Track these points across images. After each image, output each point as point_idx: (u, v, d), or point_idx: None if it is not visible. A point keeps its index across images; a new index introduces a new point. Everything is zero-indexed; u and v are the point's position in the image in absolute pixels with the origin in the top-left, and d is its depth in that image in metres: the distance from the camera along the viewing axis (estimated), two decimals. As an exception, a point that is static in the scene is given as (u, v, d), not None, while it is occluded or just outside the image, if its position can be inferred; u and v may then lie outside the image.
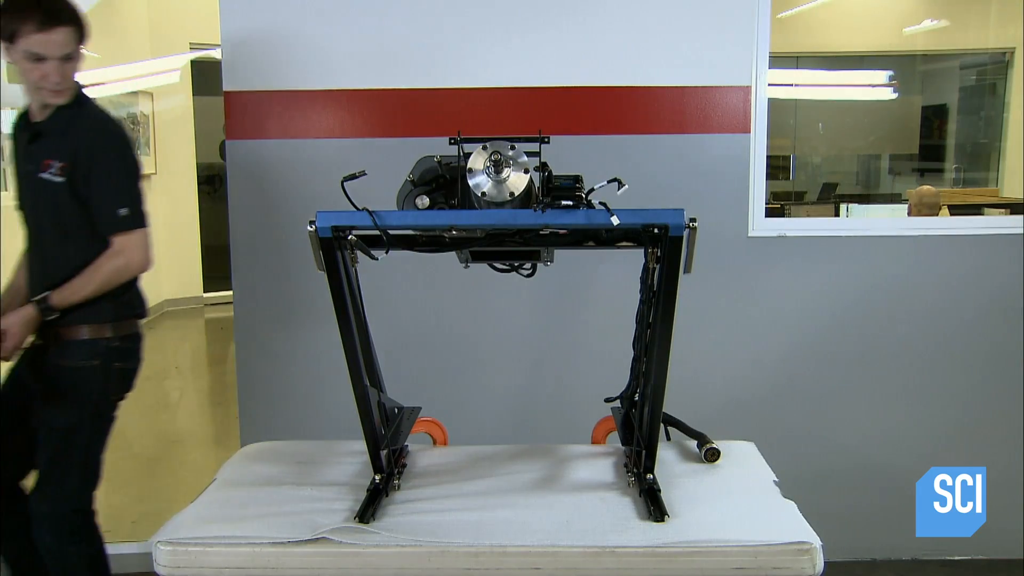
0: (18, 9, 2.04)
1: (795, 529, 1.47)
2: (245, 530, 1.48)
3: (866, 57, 6.84)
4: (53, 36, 2.03)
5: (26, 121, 2.21)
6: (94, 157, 2.11)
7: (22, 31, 2.02)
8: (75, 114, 2.15)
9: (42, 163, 2.13)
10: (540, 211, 1.39)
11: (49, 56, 2.05)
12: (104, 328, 2.18)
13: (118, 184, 2.14)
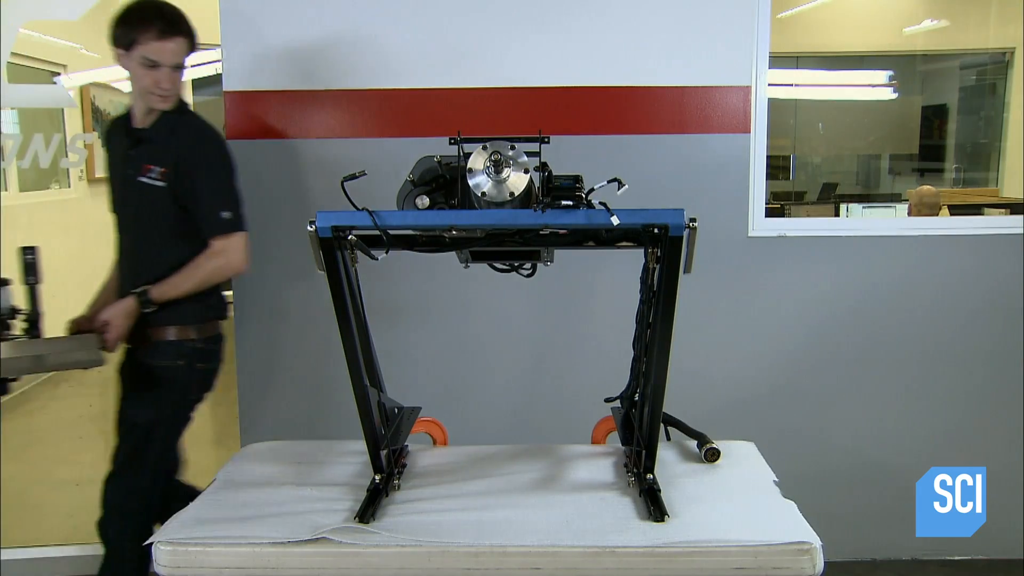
0: (140, 19, 2.16)
1: (795, 529, 1.47)
2: (245, 530, 1.48)
3: (866, 57, 6.84)
4: (170, 45, 2.16)
5: (126, 127, 2.32)
6: (197, 163, 2.23)
7: (142, 39, 2.15)
8: (177, 121, 2.27)
9: (142, 167, 2.23)
10: (540, 211, 1.39)
11: (163, 63, 2.18)
12: (190, 330, 2.28)
13: (221, 188, 2.24)
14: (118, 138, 2.35)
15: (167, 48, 2.17)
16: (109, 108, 6.27)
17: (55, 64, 5.04)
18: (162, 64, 2.18)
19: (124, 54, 2.20)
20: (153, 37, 2.15)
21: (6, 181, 5.17)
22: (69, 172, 5.78)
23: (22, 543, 3.09)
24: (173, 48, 2.18)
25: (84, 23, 2.92)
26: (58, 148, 3.03)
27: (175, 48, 2.18)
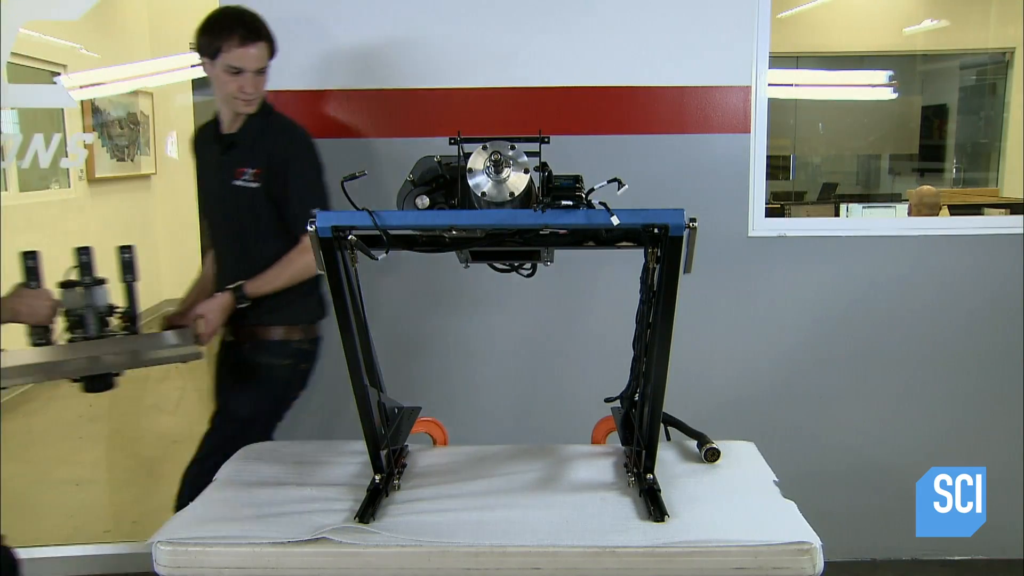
0: (223, 27, 2.22)
1: (795, 529, 1.47)
2: (245, 530, 1.48)
3: (866, 57, 6.84)
4: (252, 50, 2.23)
5: (215, 133, 2.39)
6: (289, 162, 2.28)
7: (225, 47, 2.21)
8: (266, 123, 2.33)
9: (236, 171, 2.29)
10: (540, 211, 1.39)
11: (246, 69, 2.24)
12: (296, 330, 2.36)
13: (311, 186, 2.29)
14: (207, 145, 2.41)
15: (249, 54, 2.22)
16: (109, 108, 6.28)
17: (55, 64, 5.04)
18: (245, 70, 2.23)
19: (209, 63, 2.26)
20: (236, 44, 2.21)
21: (6, 181, 5.17)
22: (69, 172, 5.78)
23: (22, 543, 3.08)
24: (255, 54, 2.23)
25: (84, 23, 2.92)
26: (58, 148, 3.03)
27: (257, 53, 2.24)
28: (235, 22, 2.23)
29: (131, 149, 6.65)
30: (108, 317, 2.02)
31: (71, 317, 1.99)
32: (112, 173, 6.43)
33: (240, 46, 2.21)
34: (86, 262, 1.99)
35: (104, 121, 6.25)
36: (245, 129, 2.33)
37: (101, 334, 2.00)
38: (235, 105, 2.30)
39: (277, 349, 2.35)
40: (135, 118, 6.67)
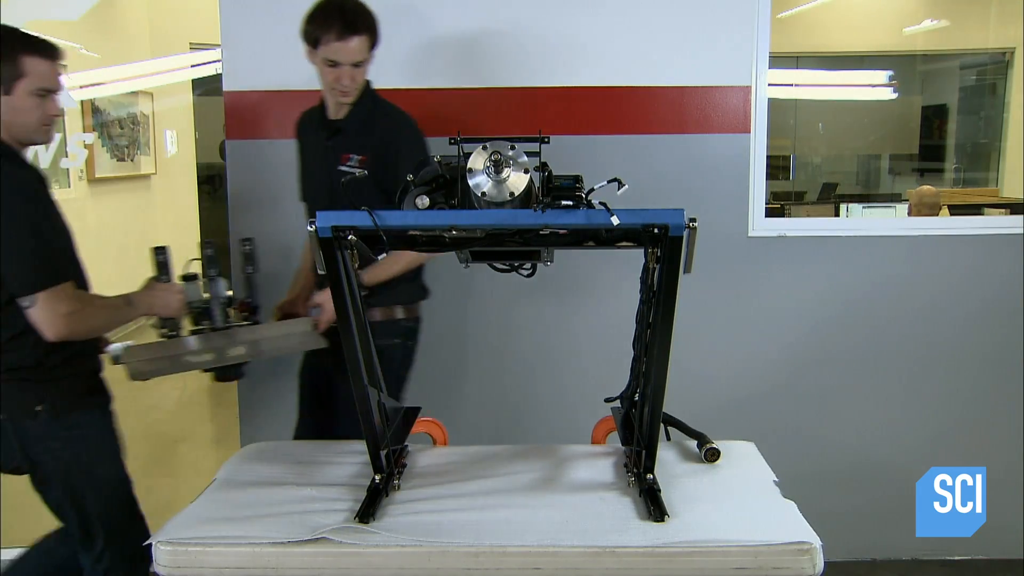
0: (323, 19, 2.21)
1: (795, 529, 1.47)
2: (245, 530, 1.48)
3: (866, 57, 6.84)
4: (349, 44, 2.20)
5: (320, 119, 2.39)
6: (398, 150, 2.28)
7: (324, 38, 2.20)
8: (372, 109, 2.34)
9: (341, 156, 2.29)
10: (540, 211, 1.39)
11: (343, 62, 2.22)
12: (402, 309, 2.39)
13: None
14: (312, 130, 2.41)
15: (346, 48, 2.20)
16: (109, 108, 6.28)
17: (55, 64, 5.04)
18: (342, 63, 2.22)
19: (311, 51, 2.26)
20: (333, 37, 2.19)
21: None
22: (69, 172, 5.78)
23: (22, 543, 3.08)
24: (352, 48, 2.21)
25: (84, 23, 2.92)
26: (58, 148, 3.03)
27: (354, 48, 2.21)
28: (335, 14, 2.21)
29: (131, 149, 6.65)
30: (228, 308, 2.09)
31: (195, 309, 2.07)
32: (112, 173, 6.43)
33: (337, 39, 2.19)
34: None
35: (104, 121, 6.25)
36: (352, 116, 2.33)
37: (226, 325, 2.07)
38: (333, 95, 2.31)
39: (387, 329, 2.36)
40: (135, 118, 6.67)
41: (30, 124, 1.91)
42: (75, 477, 1.97)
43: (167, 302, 2.01)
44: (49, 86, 1.91)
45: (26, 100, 1.88)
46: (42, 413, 1.91)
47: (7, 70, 1.85)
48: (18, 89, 1.87)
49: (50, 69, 1.91)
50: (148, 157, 6.93)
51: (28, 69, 1.87)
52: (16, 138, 1.92)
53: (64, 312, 1.84)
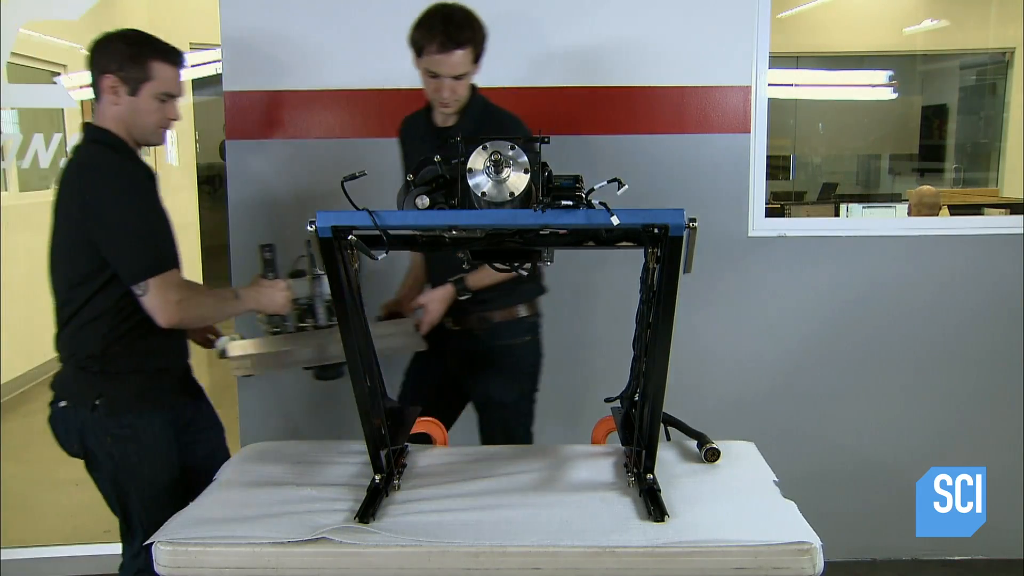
0: (427, 28, 2.16)
1: (795, 529, 1.47)
2: (245, 530, 1.48)
3: (866, 57, 6.85)
4: (449, 58, 2.15)
5: (427, 127, 2.33)
6: None
7: (426, 49, 2.16)
8: (481, 114, 2.29)
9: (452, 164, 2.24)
10: (540, 211, 1.39)
11: (444, 75, 2.17)
12: (525, 307, 2.39)
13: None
14: (418, 137, 2.36)
15: (446, 61, 2.15)
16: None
17: (55, 64, 5.04)
18: (442, 75, 2.17)
19: (415, 59, 2.22)
20: (435, 49, 2.15)
21: (6, 181, 5.17)
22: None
23: (22, 543, 3.09)
24: (452, 61, 2.15)
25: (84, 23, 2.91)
26: (58, 148, 3.03)
27: (455, 61, 2.15)
28: (438, 25, 2.15)
29: (131, 149, 6.64)
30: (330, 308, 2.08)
31: (299, 306, 2.07)
32: (112, 173, 6.42)
33: (439, 52, 2.14)
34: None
35: (104, 121, 6.23)
36: (460, 124, 2.27)
37: (329, 323, 2.06)
38: (436, 107, 2.27)
39: (514, 328, 2.37)
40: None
41: (149, 126, 1.99)
42: (122, 475, 1.99)
43: (273, 298, 2.02)
44: (172, 91, 1.99)
45: (149, 103, 1.96)
46: (99, 407, 1.94)
47: (136, 73, 1.94)
48: (143, 91, 1.95)
49: (175, 75, 2.00)
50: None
51: (155, 74, 1.95)
52: (133, 137, 1.99)
53: (175, 299, 1.88)
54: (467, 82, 2.23)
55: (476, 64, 2.21)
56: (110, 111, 1.96)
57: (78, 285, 1.93)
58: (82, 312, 1.94)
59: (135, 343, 1.96)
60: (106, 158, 1.93)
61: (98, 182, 1.89)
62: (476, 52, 2.19)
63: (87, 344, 1.95)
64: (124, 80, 1.94)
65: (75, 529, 3.35)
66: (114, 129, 1.97)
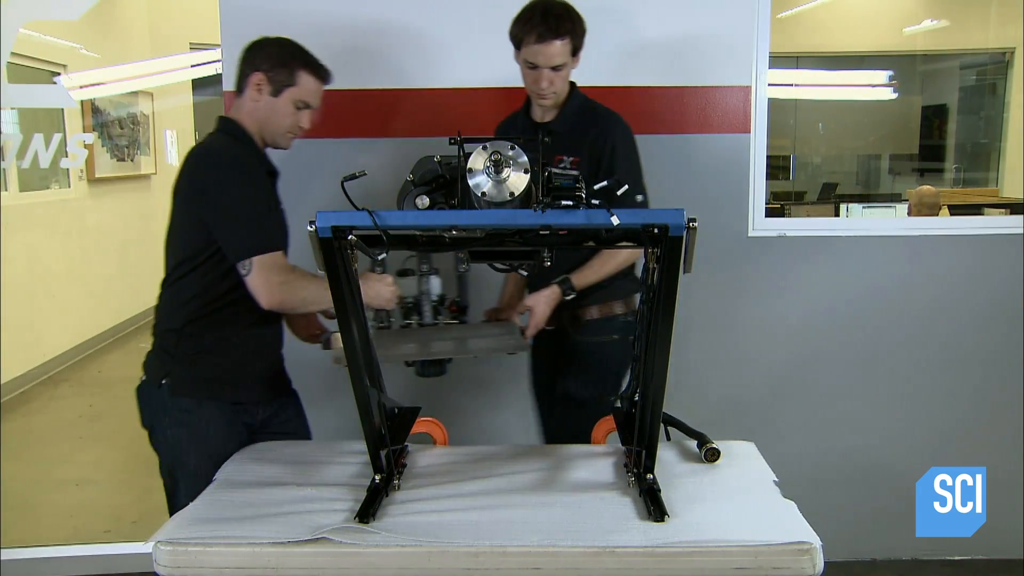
0: (525, 20, 2.19)
1: (795, 529, 1.47)
2: (245, 530, 1.48)
3: (866, 57, 6.84)
4: (547, 48, 2.16)
5: (527, 123, 2.35)
6: (613, 148, 2.24)
7: (525, 40, 2.18)
8: (581, 110, 2.30)
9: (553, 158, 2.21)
10: (540, 211, 1.39)
11: (542, 65, 2.19)
12: (619, 304, 2.37)
13: (634, 172, 2.27)
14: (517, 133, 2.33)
15: (545, 52, 2.17)
16: (109, 108, 6.28)
17: (55, 64, 5.04)
18: (541, 66, 2.19)
19: (515, 52, 2.24)
20: (533, 40, 2.16)
21: (6, 181, 5.17)
22: (69, 172, 5.78)
23: (22, 543, 3.09)
24: (551, 51, 2.17)
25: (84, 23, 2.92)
26: (58, 148, 3.03)
27: (553, 52, 2.17)
28: (537, 16, 2.17)
29: (131, 149, 6.66)
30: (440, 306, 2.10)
31: (406, 303, 2.09)
32: (112, 173, 6.44)
33: (537, 42, 2.16)
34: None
35: (104, 121, 6.25)
36: (561, 118, 2.30)
37: (434, 321, 2.08)
38: (533, 98, 2.29)
39: (604, 326, 2.35)
40: (135, 118, 6.67)
41: (281, 128, 2.06)
42: (171, 458, 2.01)
43: (379, 292, 2.01)
44: (310, 101, 2.07)
45: (287, 106, 2.04)
46: (165, 386, 1.98)
47: (283, 76, 2.03)
48: (285, 95, 2.04)
49: (317, 88, 2.08)
50: (148, 157, 6.93)
51: (300, 81, 2.04)
52: (263, 135, 2.07)
53: (277, 280, 1.91)
54: (565, 74, 2.24)
55: (575, 57, 2.22)
56: (248, 107, 2.05)
57: (182, 263, 1.99)
58: (175, 288, 2.01)
59: (212, 330, 1.99)
60: (228, 146, 2.01)
61: (216, 165, 1.96)
62: (574, 44, 2.20)
63: (170, 319, 2.01)
64: (270, 80, 2.02)
65: (75, 529, 3.35)
66: (247, 125, 2.05)
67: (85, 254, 6.17)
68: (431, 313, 2.09)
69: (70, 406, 4.96)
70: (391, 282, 2.03)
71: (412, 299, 2.10)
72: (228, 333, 2.01)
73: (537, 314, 2.24)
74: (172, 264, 2.02)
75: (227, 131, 2.05)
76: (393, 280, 2.04)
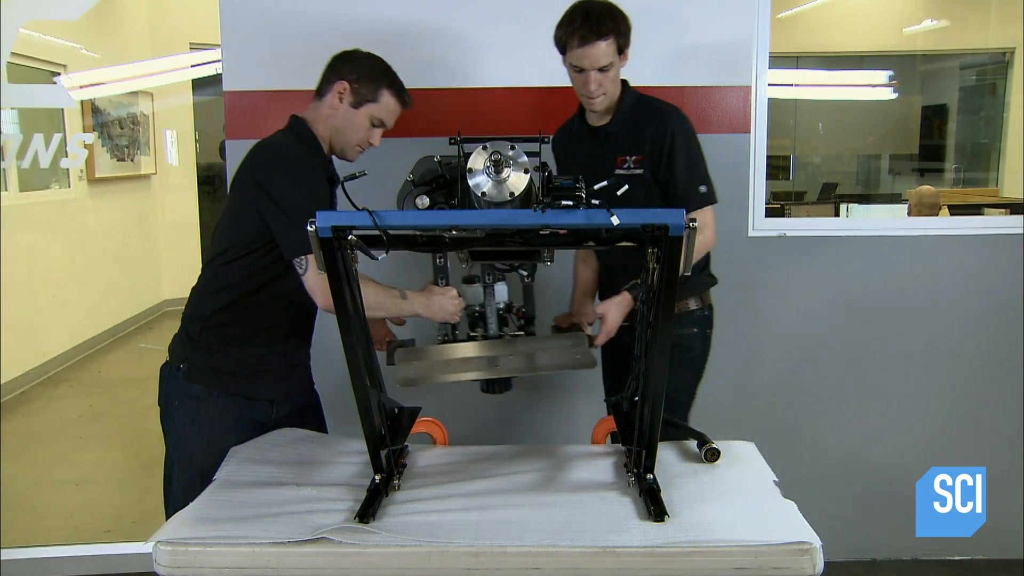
0: (568, 23, 2.16)
1: (795, 529, 1.47)
2: (245, 530, 1.48)
3: (866, 57, 6.84)
4: (592, 50, 2.13)
5: (583, 128, 2.33)
6: (674, 142, 2.20)
7: (569, 43, 2.15)
8: (636, 108, 2.26)
9: (616, 160, 2.24)
10: (540, 211, 1.39)
11: (587, 68, 2.16)
12: (695, 299, 2.34)
13: (695, 163, 2.23)
14: (576, 141, 2.36)
15: (589, 54, 2.13)
16: (109, 108, 6.28)
17: (55, 64, 5.04)
18: (587, 68, 2.16)
19: (562, 58, 2.22)
20: (577, 43, 2.13)
21: (6, 181, 5.17)
22: (69, 172, 5.78)
23: (22, 543, 3.09)
24: (595, 53, 2.13)
25: (84, 23, 2.92)
26: (58, 148, 3.03)
27: (597, 53, 2.13)
28: (578, 19, 2.13)
29: (131, 149, 6.66)
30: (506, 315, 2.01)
31: (472, 312, 2.01)
32: (112, 173, 6.44)
33: (580, 45, 2.13)
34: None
35: (104, 121, 6.25)
36: (617, 118, 2.27)
37: (499, 334, 1.98)
38: (585, 103, 2.26)
39: (681, 320, 2.30)
40: (135, 118, 6.67)
41: (352, 140, 2.07)
42: (172, 440, 2.02)
43: (443, 306, 1.96)
44: (385, 121, 2.08)
45: (363, 120, 2.06)
46: (182, 370, 1.99)
47: (366, 90, 2.04)
48: (364, 109, 2.05)
49: (396, 110, 2.09)
50: (148, 157, 6.93)
51: (381, 99, 2.06)
52: (332, 143, 2.08)
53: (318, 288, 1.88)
54: (614, 75, 2.20)
55: (622, 56, 2.19)
56: (325, 112, 2.06)
57: (227, 251, 1.99)
58: (213, 274, 2.02)
59: (236, 324, 2.00)
60: (293, 145, 2.01)
61: (280, 162, 1.96)
62: (619, 43, 2.16)
63: (199, 305, 2.02)
64: (353, 92, 2.04)
65: (75, 529, 3.35)
66: (318, 129, 2.06)
67: (85, 254, 6.17)
68: (496, 325, 1.98)
69: (70, 406, 4.95)
70: (455, 295, 1.97)
71: (478, 308, 2.00)
72: (252, 329, 2.02)
73: (609, 322, 2.16)
74: (217, 250, 2.03)
75: (296, 131, 2.06)
76: (458, 293, 1.98)
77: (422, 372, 1.92)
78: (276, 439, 1.94)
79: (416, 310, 1.98)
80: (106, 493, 3.80)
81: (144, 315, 6.90)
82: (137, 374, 5.57)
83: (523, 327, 2.01)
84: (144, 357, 6.01)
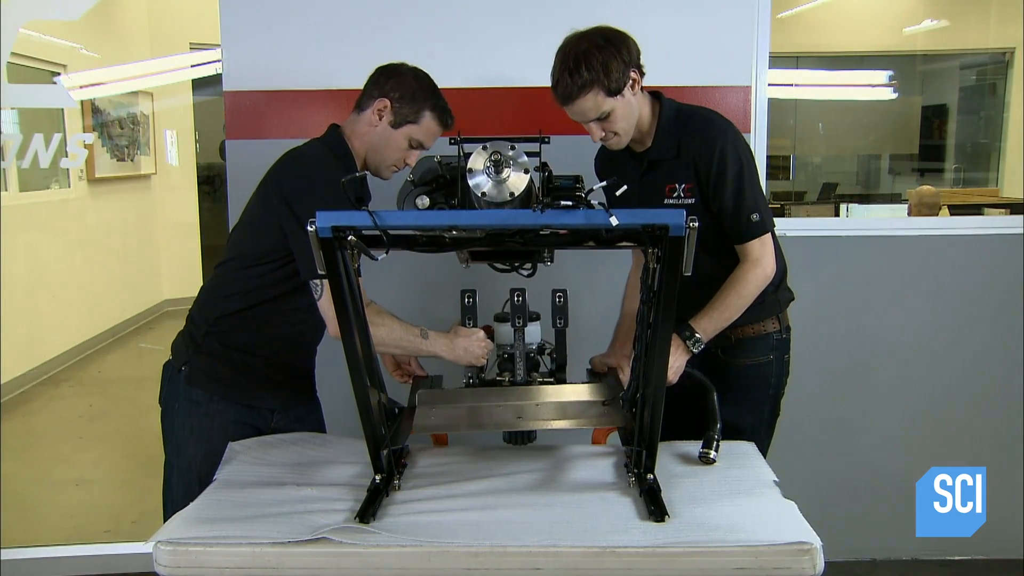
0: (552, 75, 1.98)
1: (795, 529, 1.47)
2: (245, 530, 1.48)
3: (866, 57, 6.85)
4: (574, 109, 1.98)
5: (627, 155, 2.12)
6: (718, 168, 1.99)
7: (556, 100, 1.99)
8: (675, 126, 2.06)
9: (665, 189, 2.05)
10: (540, 211, 1.38)
11: (582, 122, 2.01)
12: (772, 322, 2.16)
13: (742, 189, 2.01)
14: (619, 168, 2.13)
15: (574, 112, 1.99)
16: (109, 108, 6.28)
17: (55, 64, 5.04)
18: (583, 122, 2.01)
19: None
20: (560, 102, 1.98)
21: (6, 181, 5.17)
22: (69, 172, 5.78)
23: (22, 543, 3.09)
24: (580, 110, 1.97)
25: (84, 23, 2.92)
26: (58, 148, 3.03)
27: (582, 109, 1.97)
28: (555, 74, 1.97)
29: (131, 149, 6.66)
30: (538, 357, 1.90)
31: (501, 354, 1.90)
32: (112, 173, 6.44)
33: (563, 104, 1.98)
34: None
35: (104, 121, 6.25)
36: (659, 144, 2.05)
37: (527, 380, 1.87)
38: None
39: (757, 345, 2.14)
40: (135, 118, 6.67)
41: (387, 159, 2.02)
42: (172, 443, 2.01)
43: (469, 349, 1.89)
44: (424, 143, 2.03)
45: (401, 140, 2.00)
46: (183, 372, 1.98)
47: (408, 110, 1.99)
48: (403, 130, 2.00)
49: (436, 132, 2.03)
50: (148, 157, 6.93)
51: (423, 121, 2.00)
52: (367, 160, 2.03)
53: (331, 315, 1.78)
54: (620, 115, 1.98)
55: (617, 96, 1.95)
56: (363, 128, 2.01)
57: (241, 256, 1.97)
58: (225, 277, 1.99)
59: (241, 332, 1.98)
60: (324, 158, 1.95)
61: (309, 177, 1.89)
62: (609, 88, 1.93)
63: (206, 308, 2.00)
64: (395, 111, 1.98)
65: (75, 529, 3.35)
66: (354, 144, 2.01)
67: (85, 254, 6.17)
68: (524, 370, 1.87)
69: (70, 406, 4.96)
70: (482, 337, 1.90)
71: (509, 347, 1.88)
72: (257, 339, 1.99)
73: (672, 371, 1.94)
74: (231, 254, 2.00)
75: (331, 144, 1.99)
76: (483, 336, 1.90)
77: (443, 420, 1.81)
78: (276, 439, 1.94)
79: (438, 351, 1.90)
80: (106, 493, 3.81)
81: (144, 315, 6.90)
82: (137, 374, 5.57)
83: (554, 372, 1.91)
84: (144, 357, 6.01)
